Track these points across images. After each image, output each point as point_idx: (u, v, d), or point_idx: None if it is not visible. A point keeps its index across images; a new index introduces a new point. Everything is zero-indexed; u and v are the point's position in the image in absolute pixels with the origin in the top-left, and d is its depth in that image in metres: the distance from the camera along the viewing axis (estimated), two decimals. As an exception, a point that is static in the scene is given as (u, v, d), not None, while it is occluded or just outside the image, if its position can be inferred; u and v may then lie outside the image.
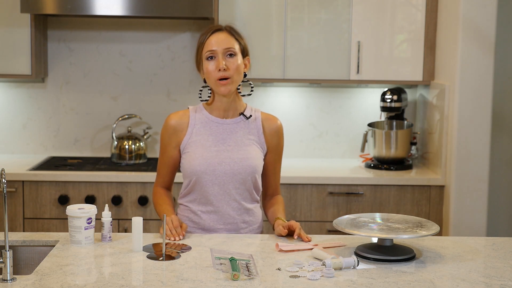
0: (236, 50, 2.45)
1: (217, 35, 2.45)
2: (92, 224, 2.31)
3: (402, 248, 2.25)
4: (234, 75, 2.43)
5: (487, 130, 3.68)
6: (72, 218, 2.29)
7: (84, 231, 2.29)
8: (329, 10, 3.94)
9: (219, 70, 2.41)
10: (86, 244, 2.29)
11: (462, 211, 3.69)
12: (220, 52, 2.42)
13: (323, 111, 4.31)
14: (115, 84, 4.26)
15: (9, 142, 4.26)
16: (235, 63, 2.43)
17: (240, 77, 2.47)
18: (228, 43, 2.44)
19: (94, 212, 2.32)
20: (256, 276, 2.01)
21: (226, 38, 2.45)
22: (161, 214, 2.49)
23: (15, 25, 3.89)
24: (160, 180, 2.60)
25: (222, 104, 2.51)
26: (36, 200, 3.72)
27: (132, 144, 4.06)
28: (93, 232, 2.33)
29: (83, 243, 2.29)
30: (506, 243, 2.43)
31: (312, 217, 3.78)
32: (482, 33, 3.62)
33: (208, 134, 2.50)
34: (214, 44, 2.43)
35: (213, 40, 2.44)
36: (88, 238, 2.30)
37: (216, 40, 2.44)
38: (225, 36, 2.45)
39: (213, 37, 2.44)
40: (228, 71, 2.42)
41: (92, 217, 2.31)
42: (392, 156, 4.02)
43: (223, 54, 2.43)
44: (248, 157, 2.48)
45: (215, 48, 2.42)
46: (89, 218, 2.30)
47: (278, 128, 2.58)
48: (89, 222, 2.30)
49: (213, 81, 2.44)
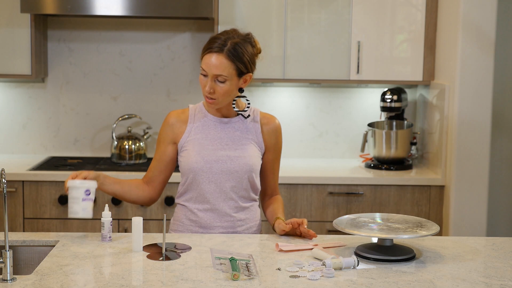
0: (227, 77, 2.40)
1: (214, 57, 2.39)
2: (91, 197, 2.32)
3: (402, 248, 2.25)
4: (219, 98, 2.43)
5: (487, 130, 3.68)
6: (71, 189, 2.31)
7: (82, 202, 2.30)
8: (329, 10, 3.94)
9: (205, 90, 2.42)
10: (83, 215, 2.29)
11: (462, 211, 3.69)
12: (210, 76, 2.40)
13: (323, 111, 4.31)
14: (115, 84, 4.26)
15: (9, 142, 4.26)
16: (223, 89, 2.41)
17: (228, 98, 2.46)
18: (219, 69, 2.38)
19: (93, 185, 2.33)
20: (256, 276, 2.01)
21: (220, 63, 2.38)
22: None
23: (15, 25, 3.89)
24: (147, 174, 2.58)
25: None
26: (36, 200, 3.72)
27: (132, 144, 4.06)
28: (91, 206, 2.33)
29: (80, 214, 2.29)
30: (506, 243, 2.43)
31: (312, 217, 3.78)
32: (482, 33, 3.62)
33: (206, 132, 2.51)
34: (206, 66, 2.40)
35: (207, 60, 2.40)
36: (85, 210, 2.30)
37: (209, 63, 2.39)
38: (221, 61, 2.38)
39: (210, 57, 2.40)
40: (214, 94, 2.42)
41: (91, 190, 2.31)
42: (392, 156, 4.02)
43: (212, 78, 2.40)
44: (245, 156, 2.49)
45: (206, 70, 2.41)
46: (87, 190, 2.30)
47: (276, 127, 2.59)
48: (87, 193, 2.30)
49: (203, 92, 2.46)
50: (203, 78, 2.43)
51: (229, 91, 2.43)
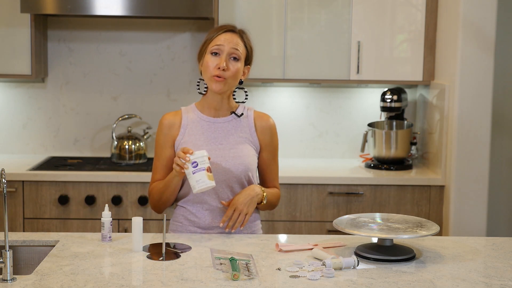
0: (241, 55, 2.48)
1: (229, 34, 2.49)
2: (200, 167, 2.30)
3: (402, 248, 2.25)
4: (230, 78, 2.46)
5: (487, 130, 3.68)
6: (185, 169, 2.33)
7: (193, 175, 2.30)
8: (329, 10, 3.94)
9: (218, 68, 2.43)
10: (200, 187, 2.30)
11: (462, 211, 3.69)
12: (226, 51, 2.45)
13: (323, 111, 4.31)
14: (115, 84, 4.26)
15: (9, 142, 4.26)
16: (235, 67, 2.46)
17: (235, 82, 2.49)
18: (237, 44, 2.48)
19: (198, 155, 2.31)
20: (256, 276, 2.01)
21: (237, 40, 2.49)
22: (166, 186, 2.47)
23: (15, 25, 3.89)
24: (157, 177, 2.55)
25: (214, 102, 2.52)
26: (36, 200, 3.72)
27: (132, 144, 4.06)
28: (205, 174, 2.30)
29: (196, 187, 2.30)
30: (506, 243, 2.43)
31: (312, 217, 3.78)
32: (482, 33, 3.62)
33: (200, 133, 2.51)
34: (223, 41, 2.47)
35: (224, 37, 2.48)
36: (199, 181, 2.30)
37: (226, 38, 2.48)
38: (237, 39, 2.49)
39: (225, 34, 2.49)
40: (227, 71, 2.44)
41: (197, 161, 2.31)
42: (392, 156, 4.02)
43: (228, 54, 2.45)
44: (240, 155, 2.49)
45: (223, 44, 2.46)
46: (194, 162, 2.31)
47: (271, 125, 2.59)
48: (194, 165, 2.31)
49: (208, 75, 2.46)
50: (213, 58, 2.46)
51: (239, 73, 2.48)
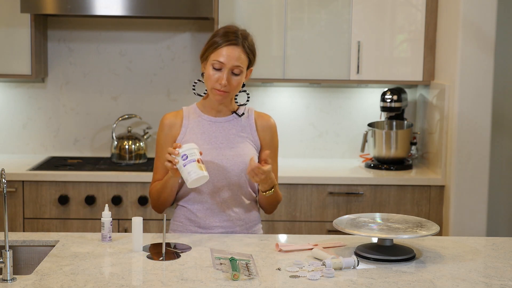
0: (242, 69, 2.43)
1: (232, 49, 2.41)
2: (190, 159, 2.28)
3: (402, 248, 2.25)
4: (232, 90, 2.44)
5: (487, 130, 3.68)
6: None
7: (184, 168, 2.28)
8: (329, 10, 3.94)
9: (219, 83, 2.41)
10: (192, 179, 2.27)
11: (462, 211, 3.69)
12: (227, 68, 2.40)
13: (323, 111, 4.31)
14: (115, 84, 4.26)
15: (9, 142, 4.26)
16: (237, 81, 2.44)
17: (237, 91, 2.48)
18: (238, 60, 2.41)
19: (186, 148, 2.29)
20: (256, 276, 2.01)
21: (239, 55, 2.41)
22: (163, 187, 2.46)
23: (15, 25, 3.89)
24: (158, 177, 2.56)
25: (215, 104, 2.51)
26: (36, 200, 3.72)
27: (132, 144, 4.06)
28: (195, 165, 2.27)
29: (189, 180, 2.28)
30: (506, 243, 2.43)
31: (312, 217, 3.78)
32: (482, 33, 3.62)
33: (200, 132, 2.51)
34: (225, 57, 2.40)
35: (225, 52, 2.40)
36: (190, 173, 2.27)
37: (228, 54, 2.40)
38: (239, 53, 2.42)
39: (227, 49, 2.41)
40: (228, 87, 2.42)
41: (187, 153, 2.29)
42: (392, 156, 4.02)
43: (229, 70, 2.41)
44: (241, 154, 2.49)
45: (224, 62, 2.40)
46: (183, 155, 2.29)
47: (271, 125, 2.59)
48: (184, 158, 2.29)
49: (210, 86, 2.44)
50: (214, 72, 2.41)
51: (240, 85, 2.46)
